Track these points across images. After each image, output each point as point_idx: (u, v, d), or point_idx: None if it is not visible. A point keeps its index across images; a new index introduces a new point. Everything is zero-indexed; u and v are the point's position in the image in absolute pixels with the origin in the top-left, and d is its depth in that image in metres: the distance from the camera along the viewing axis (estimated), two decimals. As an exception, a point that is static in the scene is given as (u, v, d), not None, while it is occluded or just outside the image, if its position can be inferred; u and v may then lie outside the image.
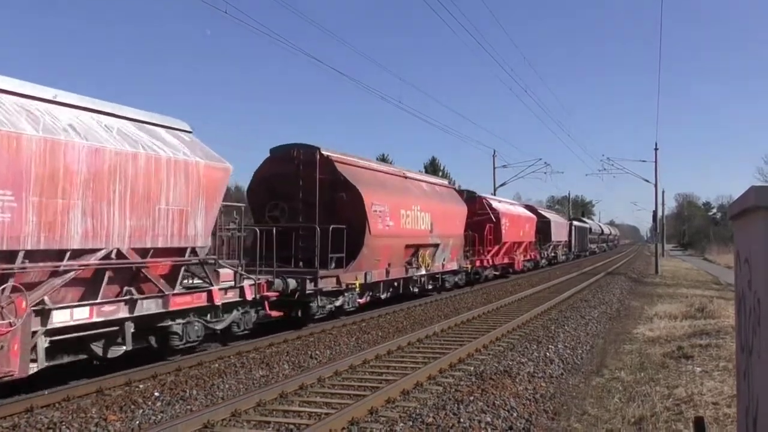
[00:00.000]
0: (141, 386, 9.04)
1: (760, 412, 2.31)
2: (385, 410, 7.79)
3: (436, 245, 20.51)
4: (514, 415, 7.76)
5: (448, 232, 21.59)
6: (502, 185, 48.63)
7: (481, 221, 27.12)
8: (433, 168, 68.18)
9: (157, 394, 8.63)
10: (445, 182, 26.31)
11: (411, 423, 7.21)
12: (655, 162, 40.89)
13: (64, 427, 7.15)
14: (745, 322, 2.76)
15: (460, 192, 27.52)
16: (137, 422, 7.44)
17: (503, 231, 28.38)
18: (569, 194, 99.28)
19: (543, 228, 41.03)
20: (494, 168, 48.74)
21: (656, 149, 40.96)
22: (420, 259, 19.28)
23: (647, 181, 42.71)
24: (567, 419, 7.79)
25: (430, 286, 21.14)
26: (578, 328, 15.05)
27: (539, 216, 41.25)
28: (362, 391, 8.83)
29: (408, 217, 18.23)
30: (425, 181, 21.91)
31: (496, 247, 28.32)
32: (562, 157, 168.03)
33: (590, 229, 70.04)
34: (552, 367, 10.67)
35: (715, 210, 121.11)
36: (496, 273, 29.85)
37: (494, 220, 27.80)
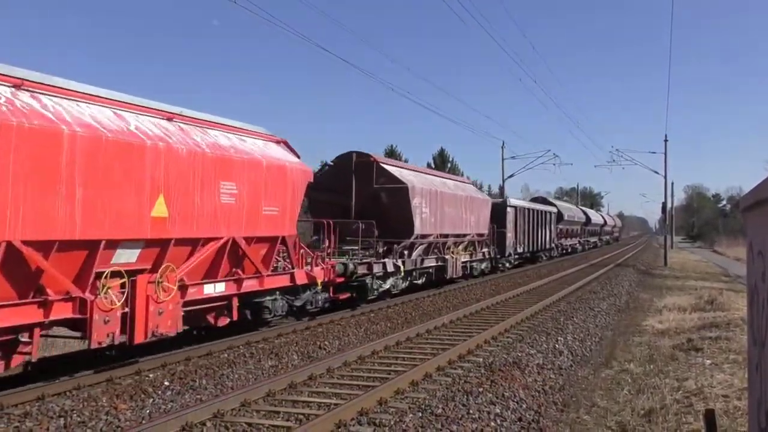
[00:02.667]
0: (151, 375, 9.10)
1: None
2: (395, 401, 7.81)
3: None
4: (523, 406, 7.77)
5: None
6: (510, 177, 48.42)
7: None
8: (441, 159, 68.06)
9: (167, 383, 8.68)
10: None
11: (420, 414, 7.23)
12: (665, 153, 40.69)
13: (75, 415, 7.21)
14: (758, 315, 2.75)
15: None
16: (147, 411, 7.49)
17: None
18: (578, 186, 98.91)
19: (393, 205, 17.88)
20: (503, 159, 48.58)
21: (666, 141, 40.76)
22: None
23: (656, 172, 42.52)
24: (576, 411, 7.80)
25: None
26: (587, 320, 15.03)
27: (376, 170, 18.02)
28: (371, 381, 8.85)
29: None
30: None
31: None
32: (571, 148, 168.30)
33: (560, 215, 43.95)
34: (561, 358, 10.67)
35: (724, 202, 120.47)
36: None
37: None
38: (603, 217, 77.46)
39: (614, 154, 50.38)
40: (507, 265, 30.04)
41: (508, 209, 30.05)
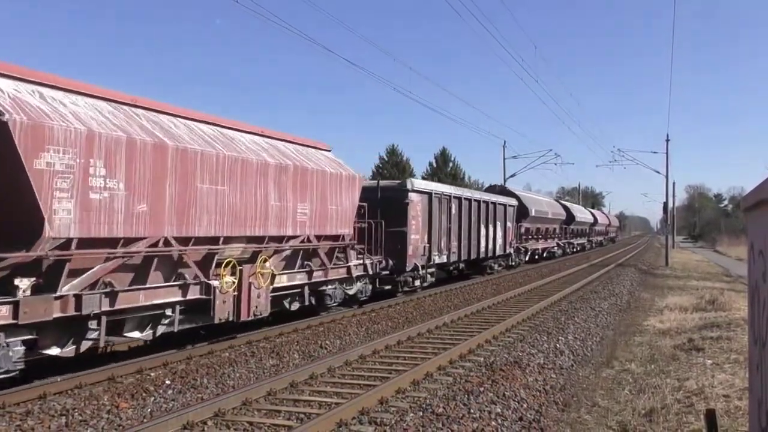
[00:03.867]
0: (152, 374, 9.11)
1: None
2: (396, 400, 7.81)
3: None
4: (524, 406, 7.77)
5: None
6: (512, 176, 48.38)
7: None
8: (443, 159, 67.99)
9: (168, 382, 8.69)
10: None
11: (421, 413, 7.23)
12: (666, 153, 40.70)
13: (76, 413, 7.22)
14: (759, 315, 2.75)
15: None
16: (149, 410, 7.51)
17: None
18: (579, 185, 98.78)
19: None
20: (504, 158, 48.62)
21: (667, 140, 40.77)
22: None
23: (658, 172, 42.61)
24: (577, 411, 7.80)
25: None
26: (588, 319, 15.02)
27: None
28: (372, 381, 8.86)
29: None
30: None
31: None
32: (572, 148, 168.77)
33: (524, 210, 33.11)
34: (562, 358, 10.67)
35: (726, 202, 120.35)
36: None
37: None
38: (593, 215, 62.30)
39: (616, 153, 50.47)
40: (417, 283, 19.08)
41: (411, 197, 18.36)
